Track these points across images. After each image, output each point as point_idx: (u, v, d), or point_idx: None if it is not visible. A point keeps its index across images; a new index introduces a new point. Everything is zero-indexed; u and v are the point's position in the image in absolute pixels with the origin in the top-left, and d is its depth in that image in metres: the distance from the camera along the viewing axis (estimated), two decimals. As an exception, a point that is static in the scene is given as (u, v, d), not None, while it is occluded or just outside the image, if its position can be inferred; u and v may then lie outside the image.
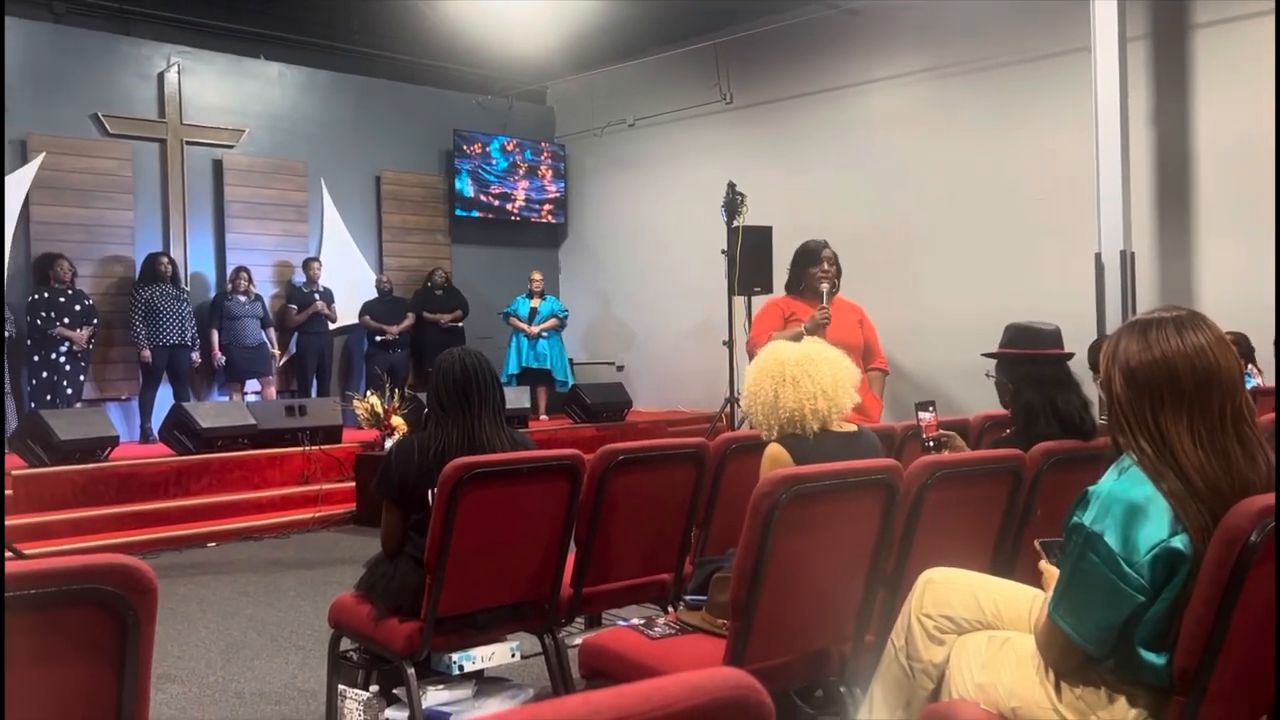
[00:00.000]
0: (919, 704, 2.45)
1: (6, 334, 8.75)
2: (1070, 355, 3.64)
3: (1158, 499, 2.01)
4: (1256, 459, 2.05)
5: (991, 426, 4.58)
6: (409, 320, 11.31)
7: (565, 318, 12.12)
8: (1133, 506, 2.01)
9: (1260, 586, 1.97)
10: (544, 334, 11.61)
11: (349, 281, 11.33)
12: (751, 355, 5.42)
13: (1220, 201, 8.73)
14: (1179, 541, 2.00)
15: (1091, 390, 3.66)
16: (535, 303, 11.70)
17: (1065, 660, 2.15)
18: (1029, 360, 3.55)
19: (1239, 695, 2.11)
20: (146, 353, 9.57)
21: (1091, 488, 2.13)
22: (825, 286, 5.57)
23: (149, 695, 1.76)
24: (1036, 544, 2.50)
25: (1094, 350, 6.86)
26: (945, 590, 2.53)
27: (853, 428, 3.13)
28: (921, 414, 3.52)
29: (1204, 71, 8.80)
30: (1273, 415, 3.83)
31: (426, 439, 3.39)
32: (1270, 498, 1.98)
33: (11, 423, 8.65)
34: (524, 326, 11.57)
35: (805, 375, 3.02)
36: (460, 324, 11.62)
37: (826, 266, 5.62)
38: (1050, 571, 2.45)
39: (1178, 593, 2.00)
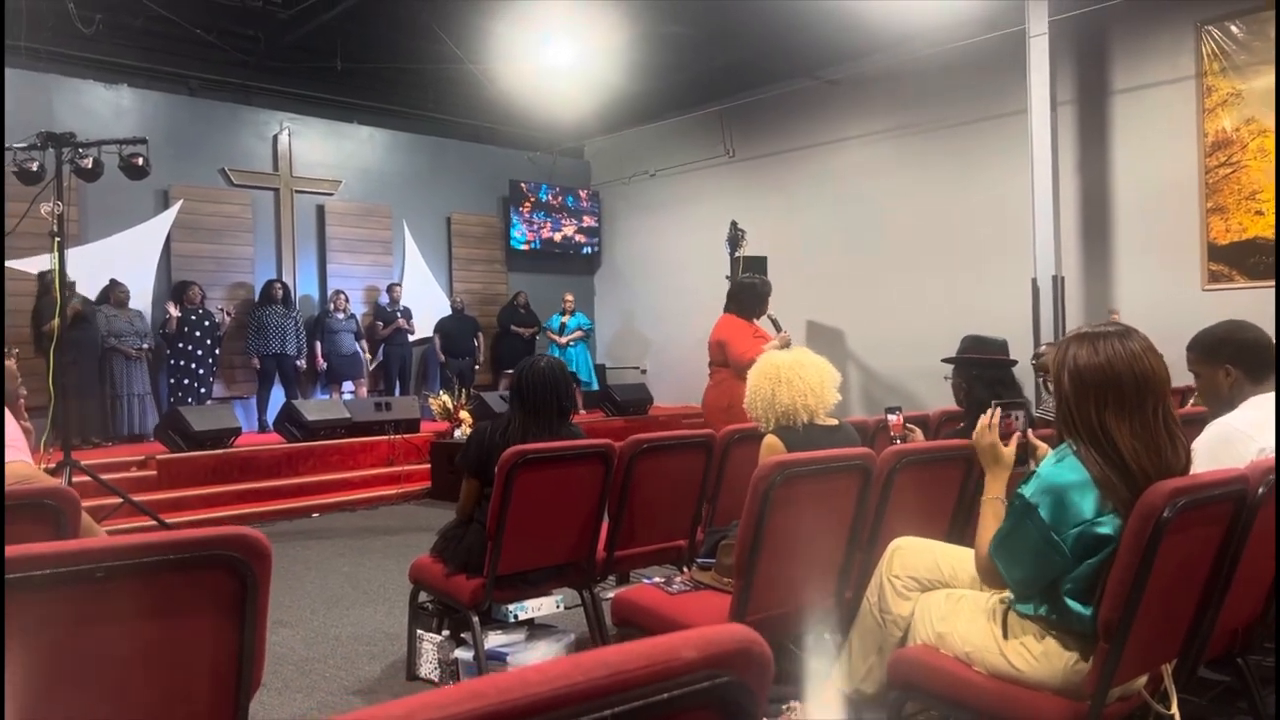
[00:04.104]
0: (889, 649, 2.43)
1: (146, 346, 8.85)
2: (1014, 362, 3.60)
3: (1088, 485, 1.98)
4: (1178, 448, 2.02)
5: (947, 420, 4.54)
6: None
7: (590, 329, 12.18)
8: (1065, 488, 1.98)
9: (1172, 554, 1.94)
10: (571, 343, 11.65)
11: (425, 302, 11.37)
12: (745, 364, 5.45)
13: (1134, 235, 8.66)
14: (1107, 525, 1.96)
15: (1030, 392, 3.62)
16: (565, 318, 11.75)
17: (997, 587, 2.20)
18: (980, 364, 3.52)
19: (1152, 643, 2.08)
20: (255, 360, 9.66)
21: (1037, 468, 2.10)
22: (775, 315, 5.71)
23: (265, 637, 1.76)
24: (994, 404, 2.37)
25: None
26: (910, 555, 2.51)
27: (834, 421, 3.10)
28: (889, 415, 3.50)
29: (1120, 129, 8.74)
30: (1188, 408, 3.78)
31: (497, 424, 3.39)
32: (1181, 481, 1.95)
33: (147, 418, 8.79)
34: (555, 338, 11.64)
35: (798, 377, 3.01)
36: (537, 336, 11.70)
37: (770, 303, 5.74)
38: (985, 439, 2.34)
39: (1104, 559, 1.97)
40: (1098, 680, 1.97)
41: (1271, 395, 2.63)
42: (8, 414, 2.45)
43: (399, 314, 10.79)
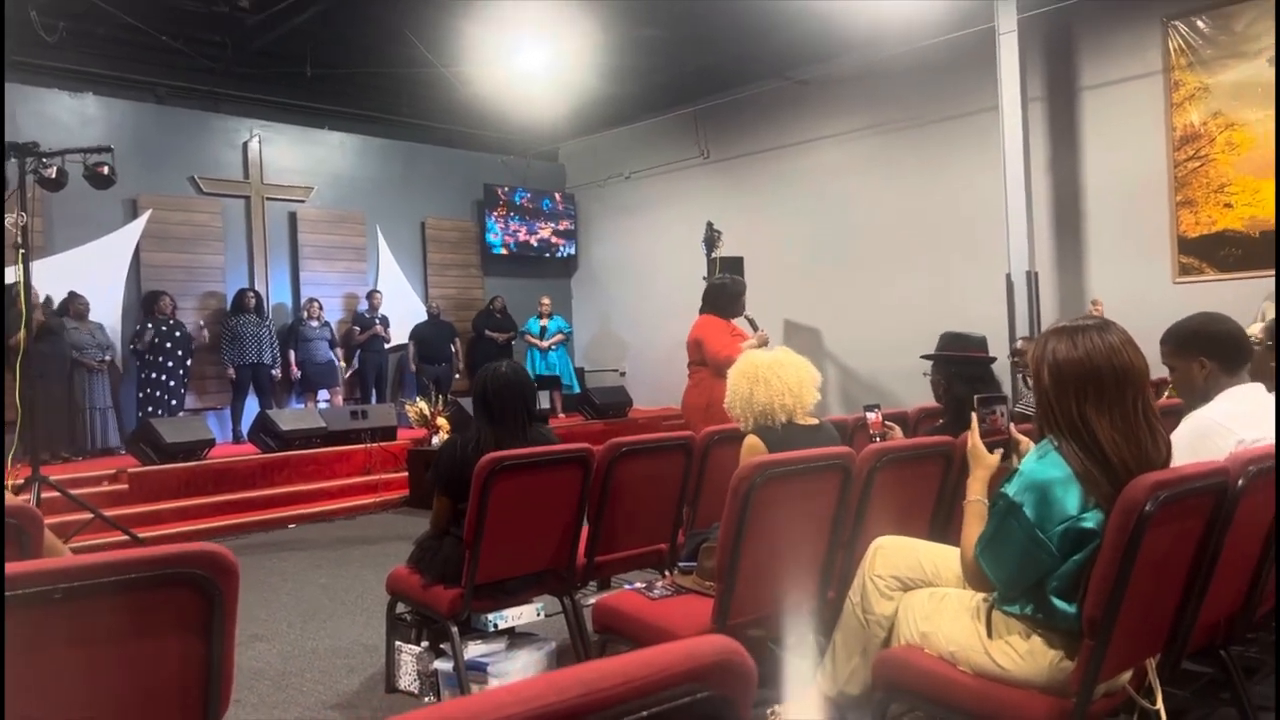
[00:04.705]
0: (873, 650, 2.41)
1: (108, 359, 8.72)
2: (994, 359, 3.60)
3: (1070, 480, 1.97)
4: (1159, 441, 2.01)
5: (925, 417, 4.53)
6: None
7: (570, 333, 12.14)
8: (1048, 485, 1.97)
9: (1154, 549, 1.93)
10: (553, 347, 11.61)
11: (401, 309, 11.27)
12: (726, 359, 5.45)
13: (1105, 229, 8.73)
14: (1090, 520, 1.95)
15: (1007, 387, 3.61)
16: (544, 322, 11.69)
17: (985, 589, 2.18)
18: (959, 361, 3.51)
19: (1136, 638, 2.07)
20: (231, 371, 9.53)
21: (1019, 465, 2.08)
22: (752, 315, 5.72)
23: (233, 656, 1.71)
24: (976, 399, 2.38)
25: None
26: (893, 554, 2.48)
27: (815, 421, 3.08)
28: (868, 414, 3.47)
29: (1090, 125, 8.81)
30: (1168, 399, 3.79)
31: (468, 438, 3.33)
32: (1162, 474, 1.94)
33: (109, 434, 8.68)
34: (536, 342, 11.57)
35: (776, 376, 2.98)
36: (513, 341, 11.60)
37: (745, 301, 5.74)
38: (978, 447, 2.33)
39: (1088, 556, 1.96)
40: (1083, 677, 1.95)
41: (1247, 387, 2.63)
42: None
43: (377, 321, 10.71)
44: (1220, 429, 2.48)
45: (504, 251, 12.70)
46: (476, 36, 8.99)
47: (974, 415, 2.36)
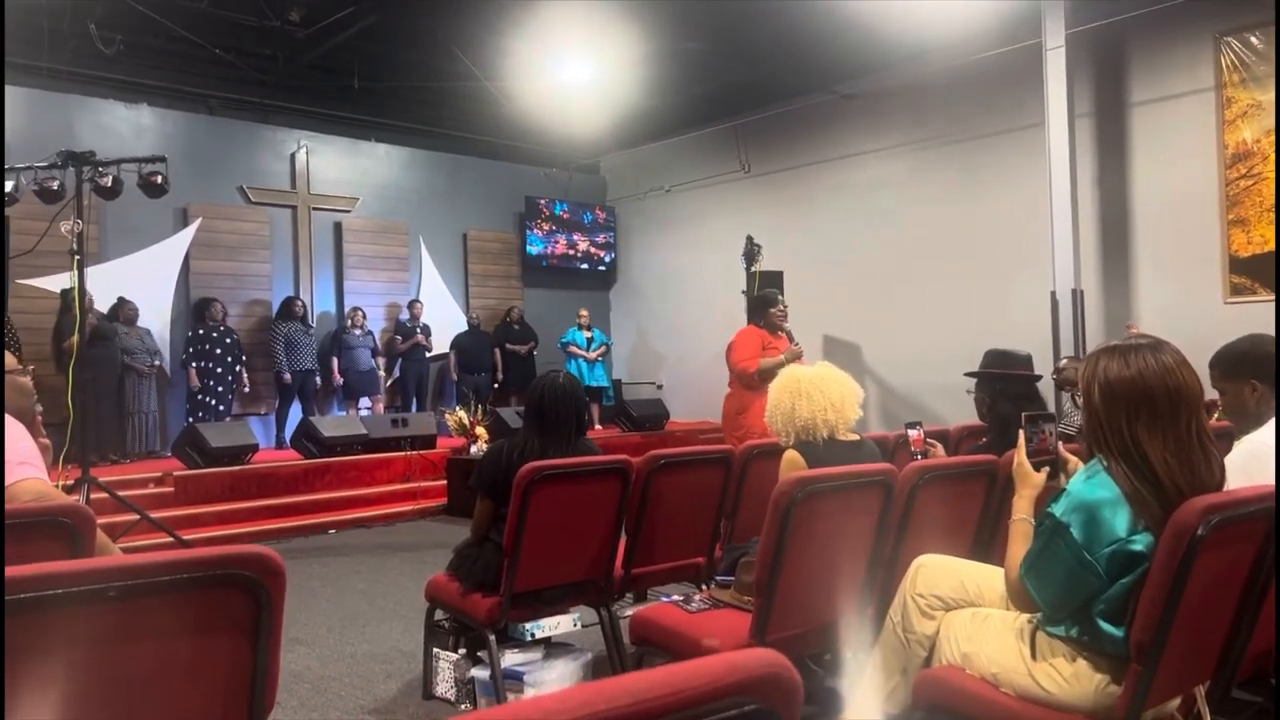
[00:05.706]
0: (913, 669, 2.38)
1: (156, 364, 8.88)
2: (1039, 377, 3.55)
3: (1120, 501, 1.93)
4: (1212, 464, 1.97)
5: (968, 435, 4.48)
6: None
7: (610, 345, 12.22)
8: (1097, 506, 1.93)
9: (1205, 573, 1.89)
10: (599, 358, 11.66)
11: (442, 319, 11.38)
12: (742, 371, 5.50)
13: (1154, 248, 8.58)
14: (1139, 542, 1.92)
15: (1052, 406, 3.56)
16: (587, 334, 11.72)
17: (1029, 610, 2.15)
18: (1003, 379, 3.47)
19: (1186, 664, 2.03)
20: (287, 375, 9.66)
21: (1067, 484, 2.05)
22: (788, 326, 5.74)
23: (280, 657, 1.74)
24: (1024, 416, 2.34)
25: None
26: (934, 573, 2.46)
27: (856, 437, 3.06)
28: (910, 431, 3.44)
29: (1139, 141, 8.67)
30: (1218, 422, 3.71)
31: (513, 444, 3.36)
32: (1214, 498, 1.90)
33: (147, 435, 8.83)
34: (583, 353, 11.58)
35: (818, 391, 2.97)
36: (534, 352, 11.63)
37: (783, 309, 5.75)
38: (1025, 466, 2.29)
39: (1137, 579, 1.92)
40: (1129, 703, 1.92)
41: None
42: (23, 429, 2.44)
43: (419, 330, 10.82)
44: (1273, 452, 2.43)
45: (544, 263, 12.78)
46: (520, 51, 9.09)
47: (1021, 433, 2.33)
